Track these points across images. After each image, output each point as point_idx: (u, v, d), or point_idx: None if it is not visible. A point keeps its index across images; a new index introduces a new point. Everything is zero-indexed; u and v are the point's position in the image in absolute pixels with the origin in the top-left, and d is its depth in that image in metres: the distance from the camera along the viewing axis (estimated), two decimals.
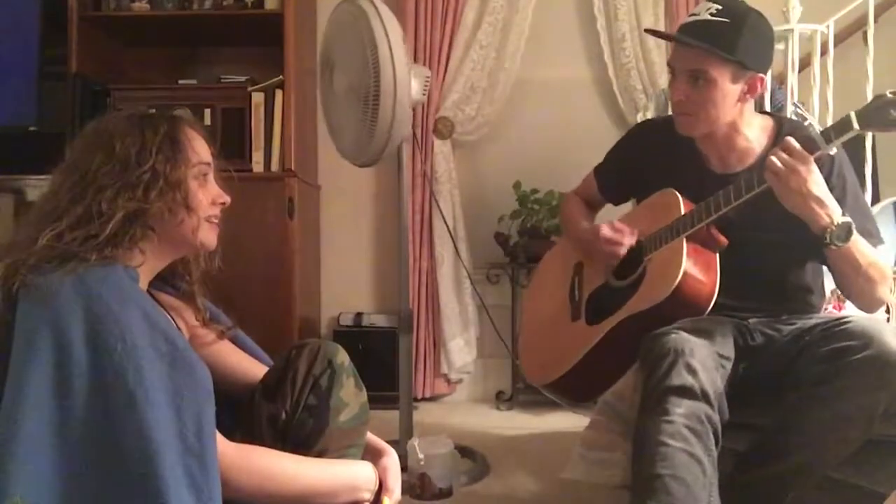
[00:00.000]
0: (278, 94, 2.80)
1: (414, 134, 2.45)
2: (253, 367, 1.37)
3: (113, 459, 0.98)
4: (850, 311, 2.08)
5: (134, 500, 0.98)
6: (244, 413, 1.31)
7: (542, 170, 3.09)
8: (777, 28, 2.10)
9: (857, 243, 1.51)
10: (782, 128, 1.72)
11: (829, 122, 2.31)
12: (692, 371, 1.40)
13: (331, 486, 1.20)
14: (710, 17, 1.59)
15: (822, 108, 2.45)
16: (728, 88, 1.61)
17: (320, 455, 1.23)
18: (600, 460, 2.12)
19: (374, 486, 1.27)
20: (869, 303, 1.60)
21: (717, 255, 1.62)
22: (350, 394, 1.28)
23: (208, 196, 1.23)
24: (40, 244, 1.07)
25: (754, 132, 1.71)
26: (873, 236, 1.62)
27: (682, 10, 3.09)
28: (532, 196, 3.05)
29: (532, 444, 2.57)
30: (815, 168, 1.48)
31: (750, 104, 1.69)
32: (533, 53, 3.18)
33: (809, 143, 1.48)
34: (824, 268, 1.72)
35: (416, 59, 3.07)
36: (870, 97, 2.33)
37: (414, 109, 2.77)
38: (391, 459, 1.36)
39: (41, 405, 0.98)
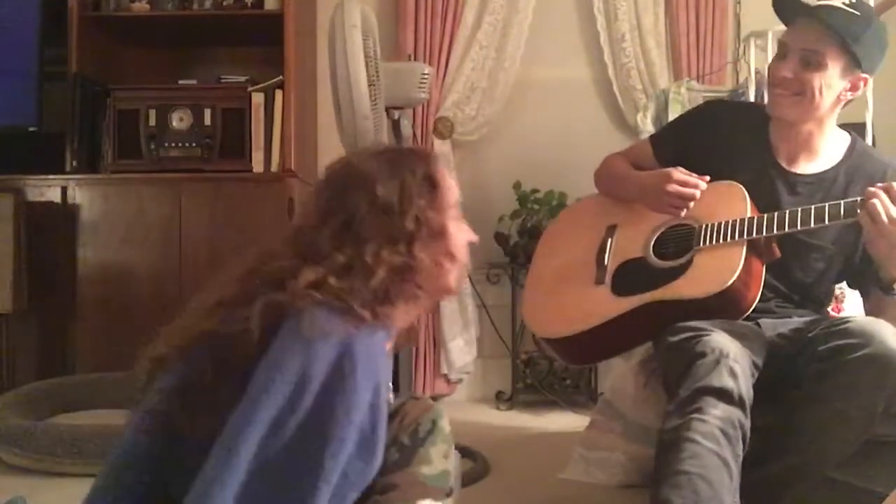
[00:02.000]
0: (278, 94, 2.79)
1: (414, 134, 2.45)
2: None
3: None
4: (849, 312, 2.08)
5: None
6: None
7: (542, 170, 3.09)
8: (777, 29, 2.10)
9: None
10: (856, 145, 1.71)
11: None
12: (734, 375, 1.37)
13: None
14: (842, 6, 1.56)
15: None
16: (835, 80, 1.59)
17: (389, 489, 1.17)
18: (600, 460, 2.13)
19: None
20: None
21: (764, 265, 1.60)
22: (438, 455, 1.23)
23: (465, 238, 1.14)
24: (305, 282, 0.99)
25: (833, 140, 1.69)
26: None
27: (682, 10, 3.09)
28: (532, 196, 3.05)
29: (532, 444, 2.57)
30: None
31: (838, 111, 1.67)
32: (533, 53, 3.18)
33: None
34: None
35: (415, 59, 3.07)
36: (870, 97, 2.33)
37: (414, 109, 2.78)
38: None
39: (265, 418, 0.92)
